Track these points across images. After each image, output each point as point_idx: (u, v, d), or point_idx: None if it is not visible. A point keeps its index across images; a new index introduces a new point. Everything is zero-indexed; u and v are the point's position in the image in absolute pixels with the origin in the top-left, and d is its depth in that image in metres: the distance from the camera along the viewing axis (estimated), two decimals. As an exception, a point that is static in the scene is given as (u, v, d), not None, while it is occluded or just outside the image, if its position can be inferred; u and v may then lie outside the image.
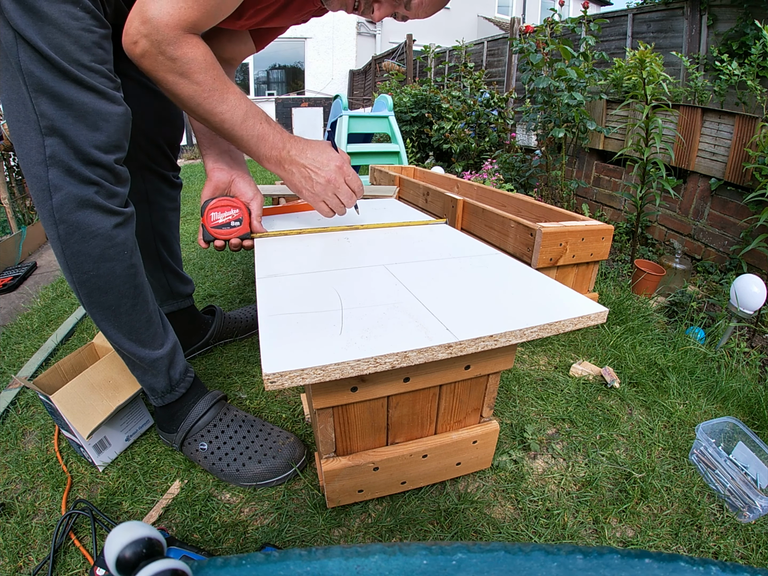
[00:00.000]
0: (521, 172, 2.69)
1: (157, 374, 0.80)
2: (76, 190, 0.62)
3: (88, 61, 0.60)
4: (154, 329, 0.78)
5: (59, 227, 0.63)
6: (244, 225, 0.82)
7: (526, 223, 1.11)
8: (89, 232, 0.64)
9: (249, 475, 0.79)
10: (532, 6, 10.78)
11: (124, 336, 0.74)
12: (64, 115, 0.59)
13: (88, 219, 0.64)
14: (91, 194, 0.63)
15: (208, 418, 0.84)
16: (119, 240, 0.68)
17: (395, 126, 2.68)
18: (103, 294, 0.69)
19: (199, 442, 0.82)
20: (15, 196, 2.74)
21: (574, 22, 2.30)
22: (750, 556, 0.70)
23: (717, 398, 1.07)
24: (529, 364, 1.17)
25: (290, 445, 0.82)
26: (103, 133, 0.62)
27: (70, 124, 0.59)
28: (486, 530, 0.71)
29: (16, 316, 1.54)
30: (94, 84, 0.60)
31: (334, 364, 0.46)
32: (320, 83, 8.90)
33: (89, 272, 0.67)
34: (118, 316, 0.72)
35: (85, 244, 0.65)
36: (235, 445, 0.82)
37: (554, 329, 0.55)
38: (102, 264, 0.67)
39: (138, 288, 0.74)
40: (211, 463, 0.81)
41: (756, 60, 2.13)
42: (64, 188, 0.61)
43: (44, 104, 0.58)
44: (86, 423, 0.78)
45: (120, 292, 0.71)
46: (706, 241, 2.08)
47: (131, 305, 0.73)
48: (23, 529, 0.72)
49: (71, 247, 0.65)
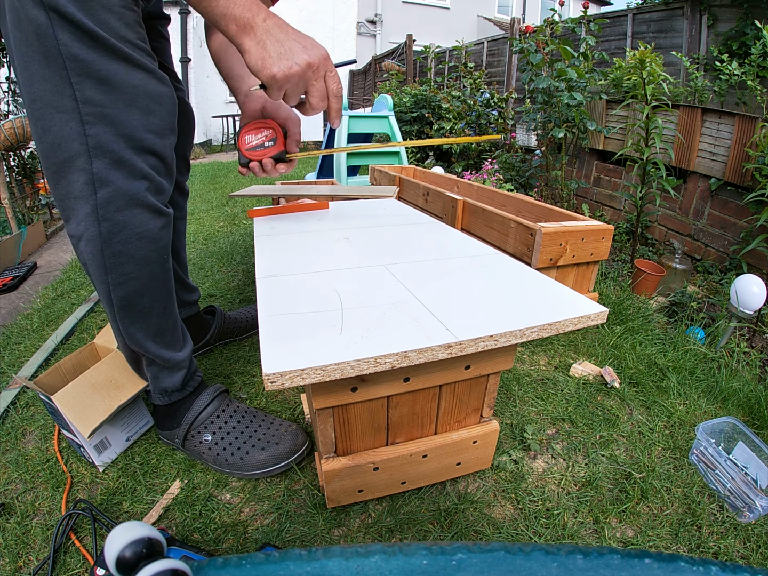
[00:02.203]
0: (521, 172, 2.69)
1: (172, 375, 0.80)
2: (126, 186, 0.57)
3: (134, 39, 0.54)
4: (178, 333, 0.78)
5: (102, 225, 0.58)
6: (278, 144, 0.78)
7: (526, 223, 1.11)
8: (136, 233, 0.60)
9: (253, 462, 0.78)
10: (532, 6, 10.78)
11: (150, 339, 0.72)
12: (113, 99, 0.53)
13: (136, 219, 0.59)
14: (142, 191, 0.59)
15: (211, 410, 0.84)
16: (163, 243, 0.65)
17: (395, 126, 2.68)
18: (140, 296, 0.66)
19: (203, 434, 0.82)
20: (15, 196, 2.74)
21: (574, 22, 2.30)
22: (750, 556, 0.70)
23: (717, 398, 1.07)
24: (529, 364, 1.17)
25: (293, 432, 0.83)
26: (157, 116, 0.57)
27: (120, 108, 0.54)
28: (486, 530, 0.71)
29: (16, 316, 1.54)
30: (143, 62, 0.55)
31: (334, 364, 0.46)
32: (320, 83, 8.88)
33: (129, 274, 0.63)
34: (150, 318, 0.70)
35: (129, 245, 0.61)
36: (238, 434, 0.82)
37: (554, 329, 0.55)
38: (144, 267, 0.64)
39: (170, 291, 0.72)
40: (216, 453, 0.80)
41: (756, 60, 2.13)
42: (113, 183, 0.56)
43: (90, 89, 0.52)
44: (87, 422, 0.78)
45: (155, 295, 0.68)
46: (706, 241, 2.08)
47: (163, 308, 0.71)
48: (23, 529, 0.72)
49: (113, 246, 0.60)
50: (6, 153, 2.68)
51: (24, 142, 2.68)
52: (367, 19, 8.90)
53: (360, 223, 0.97)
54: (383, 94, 3.03)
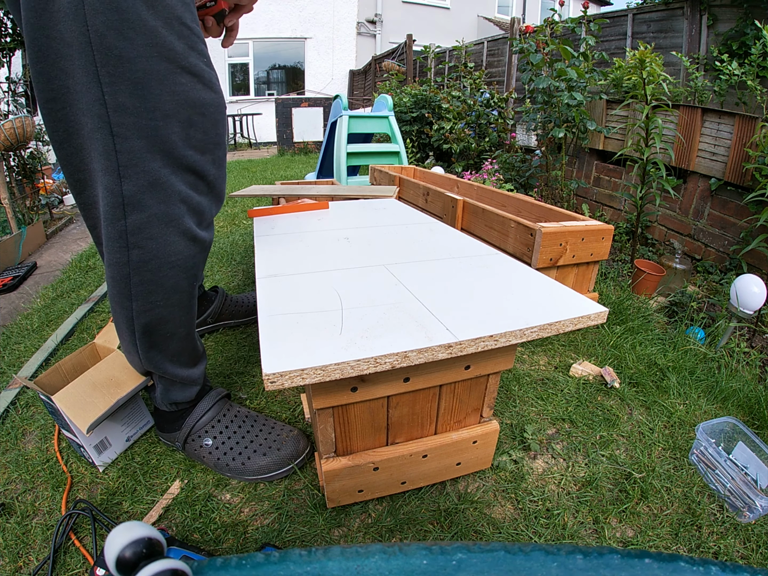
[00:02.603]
0: (521, 172, 2.69)
1: (185, 389, 0.79)
2: (161, 212, 0.50)
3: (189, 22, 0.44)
4: (197, 352, 0.76)
5: (132, 252, 0.51)
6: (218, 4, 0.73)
7: (526, 223, 1.11)
8: (168, 262, 0.54)
9: (254, 467, 0.78)
10: (532, 6, 10.77)
11: (168, 361, 0.70)
12: (150, 107, 0.44)
13: (170, 248, 0.53)
14: (180, 216, 0.52)
15: (212, 414, 0.83)
16: (195, 271, 0.59)
17: (395, 126, 2.68)
18: (164, 324, 0.62)
19: (204, 438, 0.81)
20: (15, 196, 2.74)
21: (574, 22, 2.30)
22: (750, 556, 0.70)
23: (717, 398, 1.07)
24: (529, 364, 1.17)
25: (294, 438, 0.83)
26: (199, 130, 0.49)
27: (159, 119, 0.45)
28: (486, 530, 0.71)
29: (16, 316, 1.54)
30: (190, 63, 0.45)
31: (334, 364, 0.46)
32: (320, 83, 8.90)
33: (156, 302, 0.58)
34: (171, 343, 0.67)
35: (160, 273, 0.55)
36: (239, 439, 0.81)
37: (554, 329, 0.55)
38: (172, 295, 0.59)
39: (194, 317, 0.68)
40: (216, 458, 0.79)
41: (756, 60, 2.13)
42: (148, 208, 0.49)
43: (123, 93, 0.43)
44: (86, 417, 0.78)
45: (179, 321, 0.64)
46: (706, 241, 2.08)
47: (186, 333, 0.68)
48: (23, 529, 0.72)
49: (142, 275, 0.54)
50: (6, 153, 2.68)
51: (24, 142, 2.68)
52: (367, 19, 8.90)
53: (360, 223, 0.97)
54: (383, 94, 3.03)
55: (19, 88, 3.55)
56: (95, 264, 2.01)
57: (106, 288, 1.70)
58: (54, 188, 3.94)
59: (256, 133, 7.92)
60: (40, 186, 3.31)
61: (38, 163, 3.16)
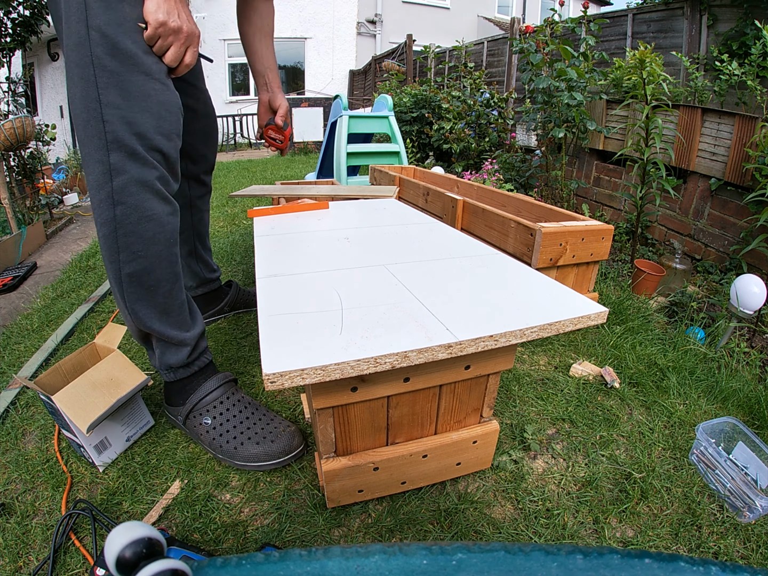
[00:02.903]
0: (521, 172, 2.69)
1: (178, 351, 0.84)
2: (138, 174, 0.66)
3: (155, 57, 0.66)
4: (184, 316, 0.84)
5: (117, 208, 0.67)
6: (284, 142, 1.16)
7: (526, 223, 1.11)
8: (146, 216, 0.69)
9: (245, 454, 0.81)
10: (532, 6, 10.77)
11: (156, 317, 0.79)
12: (131, 105, 0.63)
13: (146, 203, 0.68)
14: (152, 179, 0.68)
15: (215, 395, 0.87)
16: (169, 228, 0.73)
17: (395, 126, 2.68)
18: (147, 274, 0.74)
19: (204, 416, 0.86)
20: (15, 196, 2.74)
21: (574, 22, 2.30)
22: (750, 556, 0.70)
23: (717, 398, 1.07)
24: (529, 364, 1.17)
25: (290, 433, 0.84)
26: (166, 121, 0.67)
27: (136, 111, 0.64)
28: (486, 530, 0.71)
29: (16, 316, 1.54)
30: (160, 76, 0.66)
31: (334, 364, 0.46)
32: (320, 83, 8.90)
33: (138, 252, 0.71)
34: (155, 297, 0.77)
35: (139, 226, 0.69)
36: (237, 424, 0.85)
37: (554, 329, 0.55)
38: (152, 246, 0.72)
39: (176, 275, 0.79)
40: (212, 438, 0.84)
41: (756, 60, 2.13)
42: (127, 171, 0.65)
43: (111, 94, 0.62)
44: (86, 417, 0.78)
45: (161, 275, 0.76)
46: (706, 241, 2.08)
47: (169, 289, 0.78)
48: (23, 529, 0.72)
49: (125, 227, 0.68)
50: (6, 153, 2.68)
51: (24, 142, 2.68)
52: (367, 19, 8.90)
53: (360, 223, 0.97)
54: (383, 94, 3.03)
55: (19, 88, 3.55)
56: (95, 264, 2.01)
57: (106, 288, 1.70)
58: (54, 188, 3.94)
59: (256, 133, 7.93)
60: (40, 186, 3.31)
61: (38, 163, 3.16)
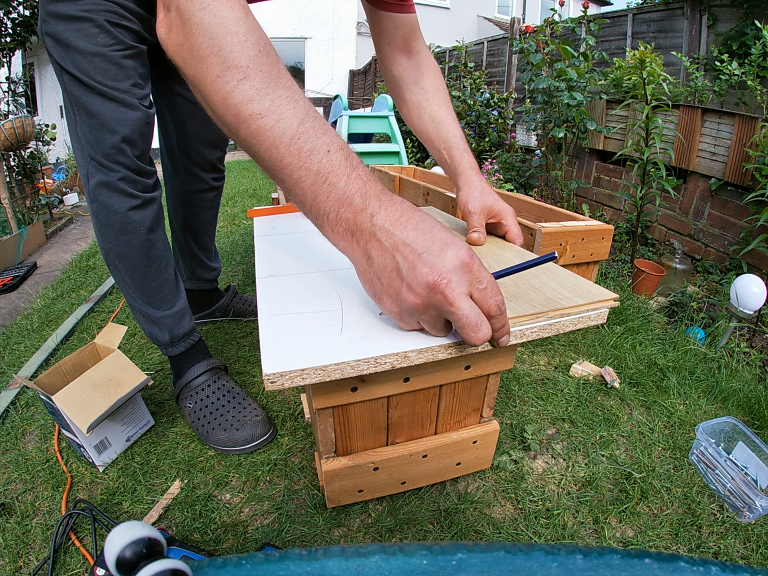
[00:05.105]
0: (521, 172, 2.69)
1: (162, 329, 0.92)
2: (102, 177, 0.78)
3: (109, 78, 0.74)
4: (163, 295, 0.91)
5: (93, 205, 0.80)
6: None
7: (526, 223, 1.11)
8: (111, 211, 0.80)
9: (213, 439, 0.89)
10: (532, 6, 10.77)
11: (136, 296, 0.89)
12: (93, 123, 0.75)
13: (109, 200, 0.79)
14: (113, 181, 0.78)
15: (199, 381, 0.95)
16: (135, 219, 0.82)
17: (395, 126, 2.68)
18: (120, 260, 0.85)
19: (187, 400, 0.95)
20: (15, 196, 2.74)
21: (574, 22, 2.30)
22: (750, 556, 0.70)
23: (717, 398, 1.07)
24: (529, 364, 1.17)
25: (254, 422, 0.89)
26: (118, 135, 0.76)
27: (97, 129, 0.75)
28: (486, 530, 0.71)
29: (16, 316, 1.54)
30: (115, 95, 0.75)
31: (334, 364, 0.46)
32: (320, 83, 8.90)
33: (111, 241, 0.83)
34: (133, 279, 0.87)
35: (108, 219, 0.81)
36: (213, 410, 0.92)
37: (554, 329, 0.55)
38: (120, 236, 0.82)
39: (151, 259, 0.87)
40: (192, 420, 0.93)
41: (756, 60, 2.13)
42: (96, 176, 0.78)
43: (80, 116, 0.75)
44: (86, 417, 0.78)
45: (133, 260, 0.85)
46: (706, 241, 2.08)
47: (143, 273, 0.87)
48: (23, 529, 0.72)
49: (101, 220, 0.81)
50: (6, 153, 2.68)
51: (24, 142, 2.68)
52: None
53: (360, 223, 0.97)
54: (383, 94, 3.03)
55: (19, 88, 3.55)
56: (95, 264, 2.01)
57: (106, 288, 1.70)
58: (54, 188, 3.94)
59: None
60: (40, 186, 3.31)
61: (38, 163, 3.16)
